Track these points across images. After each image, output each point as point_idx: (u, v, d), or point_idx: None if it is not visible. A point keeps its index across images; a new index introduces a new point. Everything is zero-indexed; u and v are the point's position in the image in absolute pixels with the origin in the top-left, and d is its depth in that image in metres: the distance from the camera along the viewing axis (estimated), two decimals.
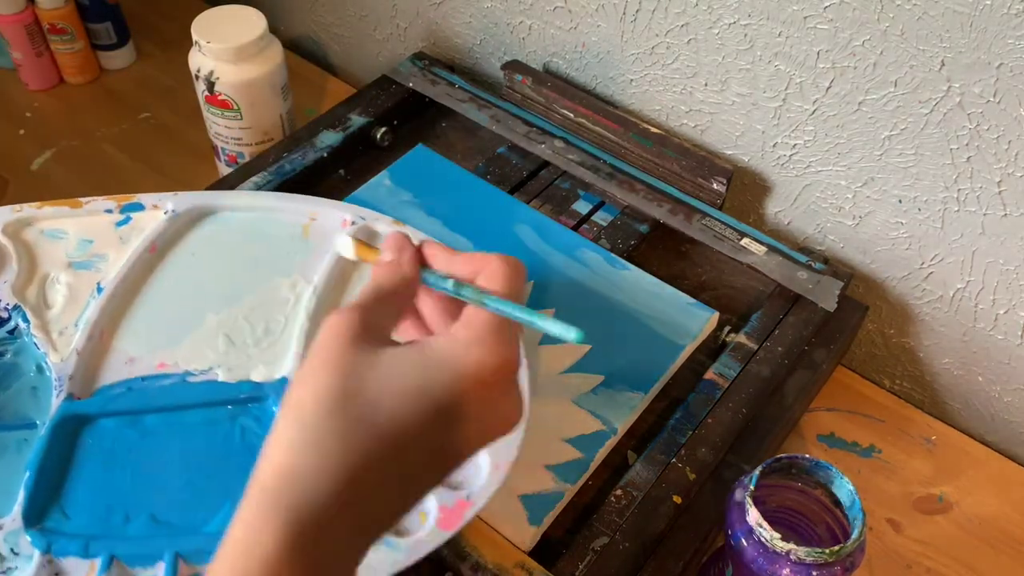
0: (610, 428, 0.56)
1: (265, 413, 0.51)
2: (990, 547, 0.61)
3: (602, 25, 0.73)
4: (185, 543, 0.45)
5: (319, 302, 0.55)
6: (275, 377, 0.52)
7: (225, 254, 0.58)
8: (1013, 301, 0.63)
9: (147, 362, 0.52)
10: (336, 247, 0.40)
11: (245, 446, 0.49)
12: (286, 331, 0.54)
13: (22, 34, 0.86)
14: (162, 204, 0.59)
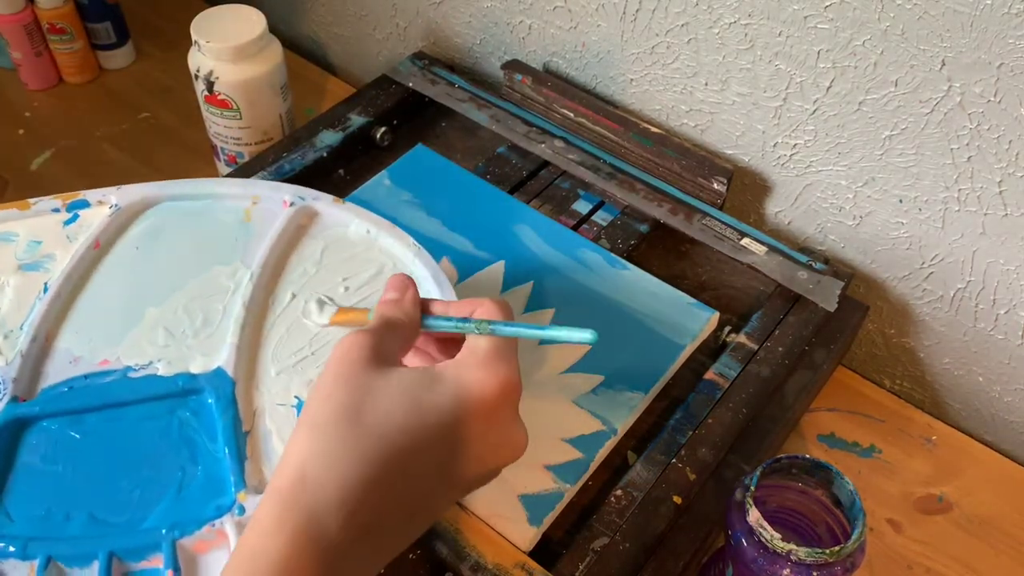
0: (610, 428, 0.56)
1: (202, 406, 0.50)
2: (990, 547, 0.61)
3: (602, 24, 0.73)
4: (121, 541, 0.45)
5: (255, 289, 0.54)
6: (211, 368, 0.51)
7: (167, 245, 0.57)
8: (1014, 301, 0.63)
9: (90, 360, 0.52)
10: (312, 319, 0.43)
11: (183, 440, 0.49)
12: (224, 321, 0.53)
13: (21, 34, 0.85)
14: (107, 199, 0.58)
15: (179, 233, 0.58)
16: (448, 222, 0.67)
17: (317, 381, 0.36)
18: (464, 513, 0.52)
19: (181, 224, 0.59)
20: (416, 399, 0.34)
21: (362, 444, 0.33)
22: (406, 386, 0.35)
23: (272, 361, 0.52)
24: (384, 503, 0.33)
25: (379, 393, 0.34)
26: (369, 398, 0.34)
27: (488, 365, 0.36)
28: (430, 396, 0.35)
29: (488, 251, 0.65)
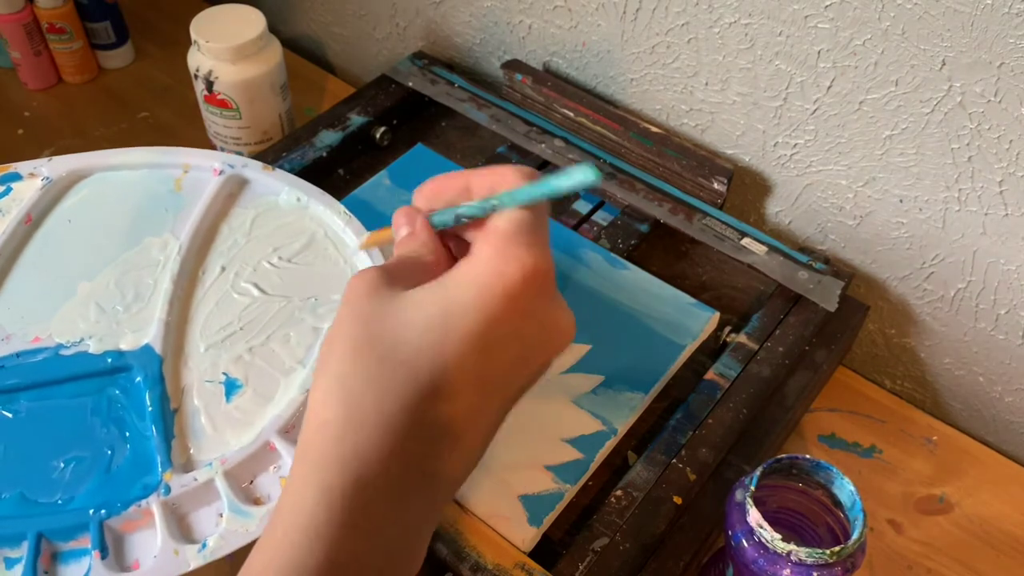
0: (610, 428, 0.56)
1: (132, 383, 0.50)
2: (991, 548, 0.61)
3: (602, 24, 0.72)
4: (50, 522, 0.45)
5: (184, 262, 0.54)
6: (140, 345, 0.51)
7: (100, 218, 0.57)
8: (1014, 301, 0.63)
9: (22, 338, 0.51)
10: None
11: (112, 418, 0.48)
12: (153, 295, 0.53)
13: (21, 33, 0.85)
14: (39, 172, 0.58)
15: (112, 205, 0.57)
16: None
17: (331, 324, 0.32)
18: (464, 513, 0.52)
19: (114, 195, 0.58)
20: (430, 313, 0.30)
21: (379, 376, 0.30)
22: (420, 303, 0.31)
23: (201, 337, 0.51)
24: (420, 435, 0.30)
25: (392, 319, 0.30)
26: (381, 326, 0.30)
27: (505, 255, 0.30)
28: (446, 306, 0.30)
29: None
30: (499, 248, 0.31)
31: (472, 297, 0.30)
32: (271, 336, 0.52)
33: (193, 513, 0.46)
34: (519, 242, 0.31)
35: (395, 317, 0.30)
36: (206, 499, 0.46)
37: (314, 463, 0.30)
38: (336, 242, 0.56)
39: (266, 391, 0.49)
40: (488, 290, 0.30)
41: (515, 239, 0.31)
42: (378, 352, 0.30)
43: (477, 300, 0.30)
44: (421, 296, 0.31)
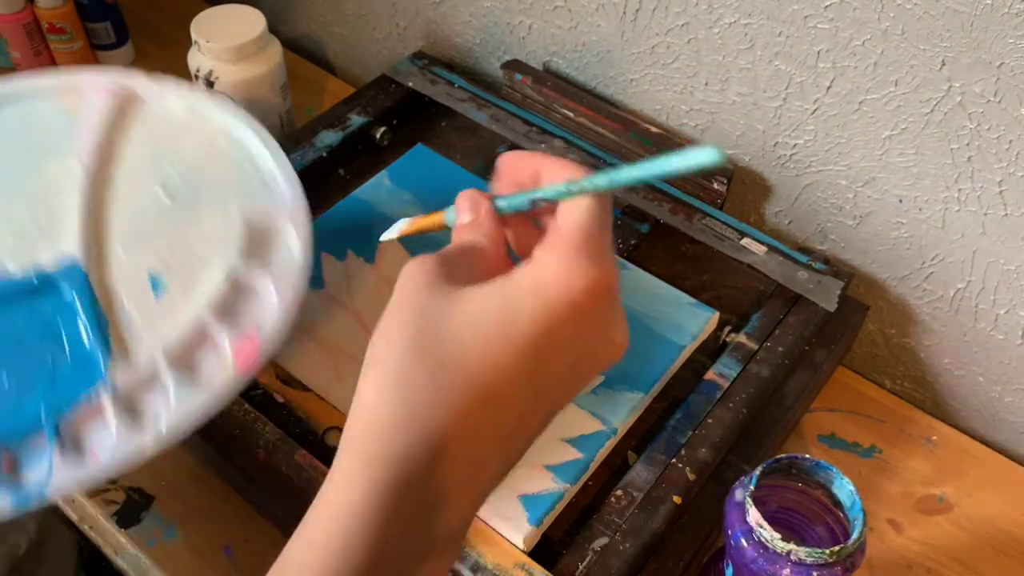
0: (610, 428, 0.56)
1: (60, 299, 0.51)
2: (991, 548, 0.61)
3: (602, 24, 0.72)
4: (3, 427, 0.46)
5: (91, 180, 0.55)
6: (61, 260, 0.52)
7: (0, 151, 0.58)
8: (1014, 301, 0.63)
9: None
10: (384, 236, 0.40)
11: (48, 333, 0.50)
12: (67, 214, 0.54)
13: (21, 33, 0.85)
14: None
15: (8, 137, 0.58)
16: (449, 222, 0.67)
17: (384, 314, 0.31)
18: None
19: (8, 128, 0.59)
20: (489, 320, 0.29)
21: (436, 378, 0.29)
22: (482, 305, 0.30)
23: (119, 244, 0.53)
24: (473, 437, 0.29)
25: (452, 319, 0.29)
26: (438, 324, 0.29)
27: (569, 262, 0.30)
28: (507, 314, 0.29)
29: None
30: (566, 258, 0.30)
31: (536, 307, 0.29)
32: (185, 233, 0.53)
33: (143, 401, 0.47)
34: (587, 253, 0.30)
35: (455, 317, 0.30)
36: (153, 386, 0.47)
37: (363, 459, 0.29)
38: (235, 144, 0.58)
39: (189, 281, 0.51)
40: (553, 302, 0.30)
41: (583, 249, 0.30)
42: (437, 352, 0.29)
43: (541, 311, 0.29)
44: (483, 298, 0.30)
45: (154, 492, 0.61)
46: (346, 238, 0.65)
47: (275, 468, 0.52)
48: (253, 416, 0.54)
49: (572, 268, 0.30)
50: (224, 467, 0.59)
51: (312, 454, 0.52)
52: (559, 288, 0.29)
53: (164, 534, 0.59)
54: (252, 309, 0.51)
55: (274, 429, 0.53)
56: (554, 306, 0.29)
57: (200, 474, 0.62)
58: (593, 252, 0.30)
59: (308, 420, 0.56)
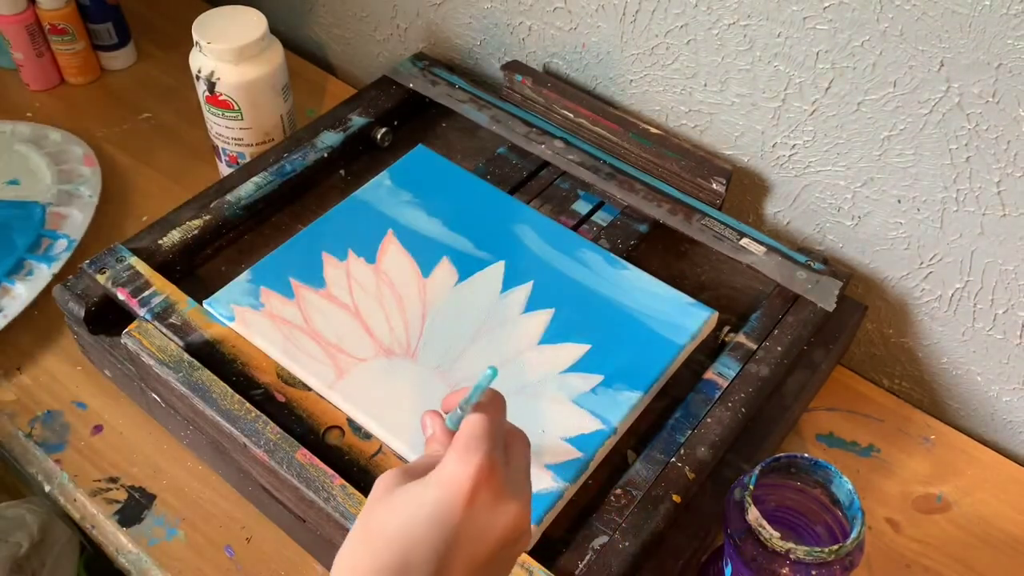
0: (609, 427, 0.56)
1: None
2: (989, 546, 0.61)
3: (602, 26, 0.73)
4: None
5: None
6: None
7: None
8: (1012, 301, 0.63)
9: None
10: None
11: None
12: None
13: (23, 34, 0.86)
14: None
15: None
16: (448, 222, 0.67)
17: None
18: None
19: None
20: (407, 505, 0.40)
21: (370, 547, 0.39)
22: (402, 497, 0.40)
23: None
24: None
25: (381, 509, 0.40)
26: (374, 515, 0.40)
27: (459, 457, 0.40)
28: (418, 500, 0.40)
29: (488, 251, 0.65)
30: (454, 456, 0.40)
31: (434, 493, 0.40)
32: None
33: None
34: (470, 450, 0.40)
35: (388, 505, 0.40)
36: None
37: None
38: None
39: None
40: (448, 487, 0.39)
41: (465, 449, 0.40)
42: (371, 529, 0.40)
43: (436, 495, 0.39)
44: (407, 491, 0.40)
45: (156, 492, 0.62)
46: (347, 238, 0.66)
47: (276, 467, 0.52)
48: (254, 415, 0.54)
49: (458, 462, 0.40)
50: (225, 467, 0.60)
51: (312, 453, 0.53)
52: (450, 477, 0.40)
53: (165, 533, 0.60)
54: None
55: (275, 428, 0.53)
56: (447, 491, 0.39)
57: (201, 474, 0.63)
58: (473, 448, 0.40)
59: (308, 420, 0.56)
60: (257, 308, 0.61)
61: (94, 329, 0.63)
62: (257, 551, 0.59)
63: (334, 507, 0.50)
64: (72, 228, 0.74)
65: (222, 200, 0.68)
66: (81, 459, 0.63)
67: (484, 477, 0.40)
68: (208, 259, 0.67)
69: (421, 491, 0.40)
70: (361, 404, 0.56)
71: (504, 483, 0.41)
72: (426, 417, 0.46)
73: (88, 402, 0.66)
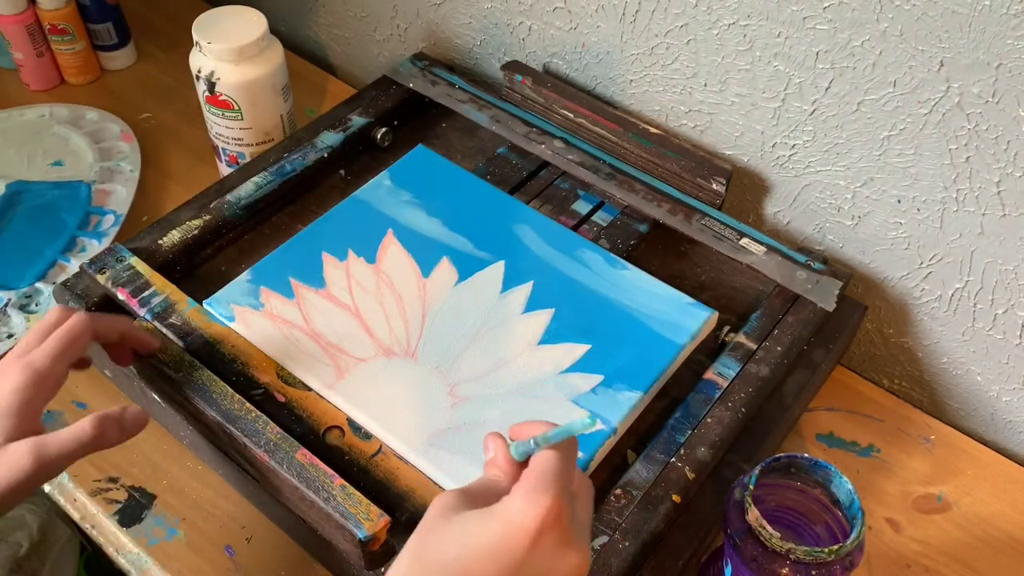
0: (609, 427, 0.56)
1: None
2: (989, 546, 0.61)
3: (602, 26, 0.73)
4: None
5: None
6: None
7: None
8: (1012, 301, 0.63)
9: None
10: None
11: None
12: None
13: (23, 34, 0.86)
14: None
15: None
16: (448, 222, 0.67)
17: None
18: None
19: None
20: (468, 534, 0.39)
21: (424, 571, 0.39)
22: (463, 524, 0.39)
23: None
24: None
25: (440, 533, 0.39)
26: (432, 538, 0.39)
27: (528, 495, 0.39)
28: (479, 531, 0.39)
29: (488, 251, 0.65)
30: (523, 493, 0.39)
31: (498, 527, 0.39)
32: None
33: None
34: (540, 490, 0.38)
35: (446, 532, 0.39)
36: None
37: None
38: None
39: None
40: (512, 525, 0.38)
41: (536, 488, 0.39)
42: (428, 553, 0.39)
43: (500, 529, 0.38)
44: (469, 519, 0.39)
45: (156, 491, 0.62)
46: (347, 238, 0.66)
47: (276, 467, 0.52)
48: (254, 415, 0.54)
49: (527, 500, 0.38)
50: (225, 467, 0.60)
51: (312, 453, 0.53)
52: (516, 514, 0.38)
53: (165, 533, 0.60)
54: None
55: (275, 428, 0.53)
56: (512, 527, 0.38)
57: (201, 474, 0.63)
58: (543, 489, 0.39)
59: (308, 420, 0.56)
60: (257, 308, 0.61)
61: None
62: (257, 551, 0.59)
63: (334, 507, 0.50)
64: (117, 203, 0.78)
65: (222, 200, 0.68)
66: (81, 459, 0.63)
67: (552, 521, 0.38)
68: (208, 259, 0.67)
69: (484, 523, 0.39)
70: (361, 404, 0.56)
71: (570, 529, 0.39)
72: (489, 440, 0.44)
73: (88, 402, 0.66)
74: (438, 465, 0.54)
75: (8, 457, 0.45)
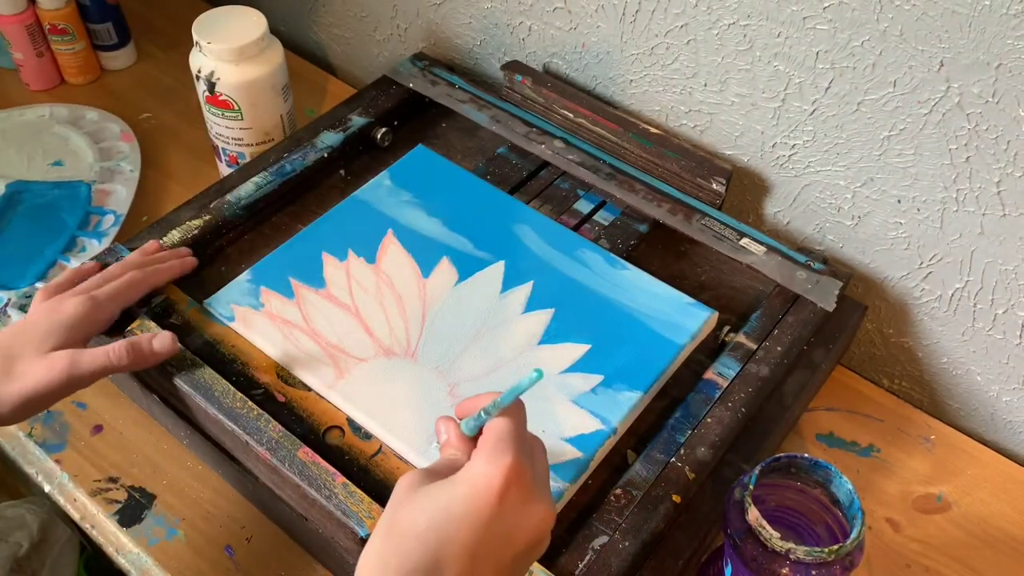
0: (609, 427, 0.56)
1: None
2: (989, 546, 0.61)
3: (602, 26, 0.73)
4: None
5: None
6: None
7: None
8: (1012, 301, 0.63)
9: None
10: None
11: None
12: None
13: (23, 34, 0.86)
14: None
15: None
16: (448, 222, 0.67)
17: None
18: None
19: None
20: (436, 503, 0.40)
21: (399, 546, 0.39)
22: (430, 495, 0.41)
23: None
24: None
25: (408, 507, 0.41)
26: (402, 512, 0.41)
27: (489, 457, 0.40)
28: (446, 497, 0.40)
29: (488, 251, 0.65)
30: (483, 455, 0.41)
31: (464, 490, 0.40)
32: None
33: None
34: (499, 450, 0.40)
35: (414, 505, 0.40)
36: None
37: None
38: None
39: None
40: (477, 486, 0.40)
41: (495, 449, 0.40)
42: (399, 528, 0.40)
43: (467, 492, 0.40)
44: (435, 489, 0.41)
45: (156, 491, 0.62)
46: (347, 238, 0.66)
47: (278, 465, 0.52)
48: (256, 414, 0.54)
49: (489, 462, 0.40)
50: (225, 466, 0.60)
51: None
52: (480, 476, 0.40)
53: (165, 533, 0.60)
54: None
55: (276, 427, 0.53)
56: (478, 488, 0.40)
57: (201, 474, 0.63)
58: (502, 450, 0.40)
59: (308, 420, 0.56)
60: (257, 308, 0.61)
61: None
62: (257, 551, 0.59)
63: (336, 505, 0.50)
64: (117, 203, 0.78)
65: (222, 200, 0.68)
66: (81, 459, 0.63)
67: (514, 477, 0.40)
68: (208, 259, 0.67)
69: (450, 489, 0.40)
70: (361, 404, 0.56)
71: (532, 484, 0.41)
72: (440, 423, 0.46)
73: (88, 402, 0.66)
74: None
75: (49, 361, 0.51)
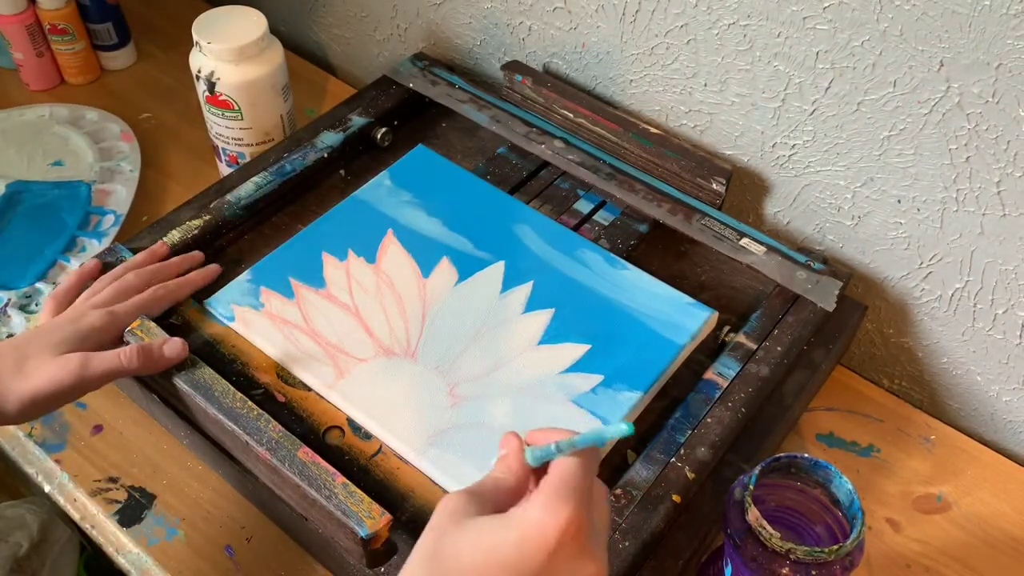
0: None
1: None
2: (989, 546, 0.61)
3: (602, 26, 0.73)
4: None
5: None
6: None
7: None
8: (1012, 301, 0.63)
9: None
10: None
11: None
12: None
13: (23, 34, 0.86)
14: None
15: None
16: (448, 222, 0.67)
17: None
18: None
19: None
20: (483, 541, 0.38)
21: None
22: (479, 530, 0.38)
23: None
24: None
25: (455, 538, 0.38)
26: (446, 542, 0.38)
27: (548, 505, 0.37)
28: (496, 539, 0.38)
29: (488, 251, 0.65)
30: (543, 502, 0.38)
31: (516, 536, 0.37)
32: None
33: None
34: (562, 498, 0.37)
35: (461, 537, 0.38)
36: None
37: None
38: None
39: None
40: (531, 535, 0.37)
41: (557, 497, 0.38)
42: (441, 558, 0.38)
43: (518, 539, 0.37)
44: (483, 526, 0.38)
45: (156, 491, 0.62)
46: (347, 238, 0.66)
47: (278, 465, 0.52)
48: (256, 413, 0.54)
49: (547, 510, 0.37)
50: (225, 466, 0.60)
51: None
52: (535, 524, 0.37)
53: (165, 533, 0.60)
54: None
55: (277, 427, 0.53)
56: (530, 540, 0.37)
57: (201, 474, 0.63)
58: (564, 497, 0.38)
59: (308, 420, 0.56)
60: (257, 308, 0.61)
61: None
62: (257, 551, 0.59)
63: (336, 505, 0.50)
64: (117, 203, 0.78)
65: (222, 200, 0.68)
66: (81, 459, 0.63)
67: (572, 533, 0.37)
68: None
69: (501, 530, 0.38)
70: (361, 404, 0.56)
71: (587, 541, 0.38)
72: (506, 437, 0.43)
73: (88, 402, 0.66)
74: (438, 465, 0.54)
75: (61, 362, 0.53)
